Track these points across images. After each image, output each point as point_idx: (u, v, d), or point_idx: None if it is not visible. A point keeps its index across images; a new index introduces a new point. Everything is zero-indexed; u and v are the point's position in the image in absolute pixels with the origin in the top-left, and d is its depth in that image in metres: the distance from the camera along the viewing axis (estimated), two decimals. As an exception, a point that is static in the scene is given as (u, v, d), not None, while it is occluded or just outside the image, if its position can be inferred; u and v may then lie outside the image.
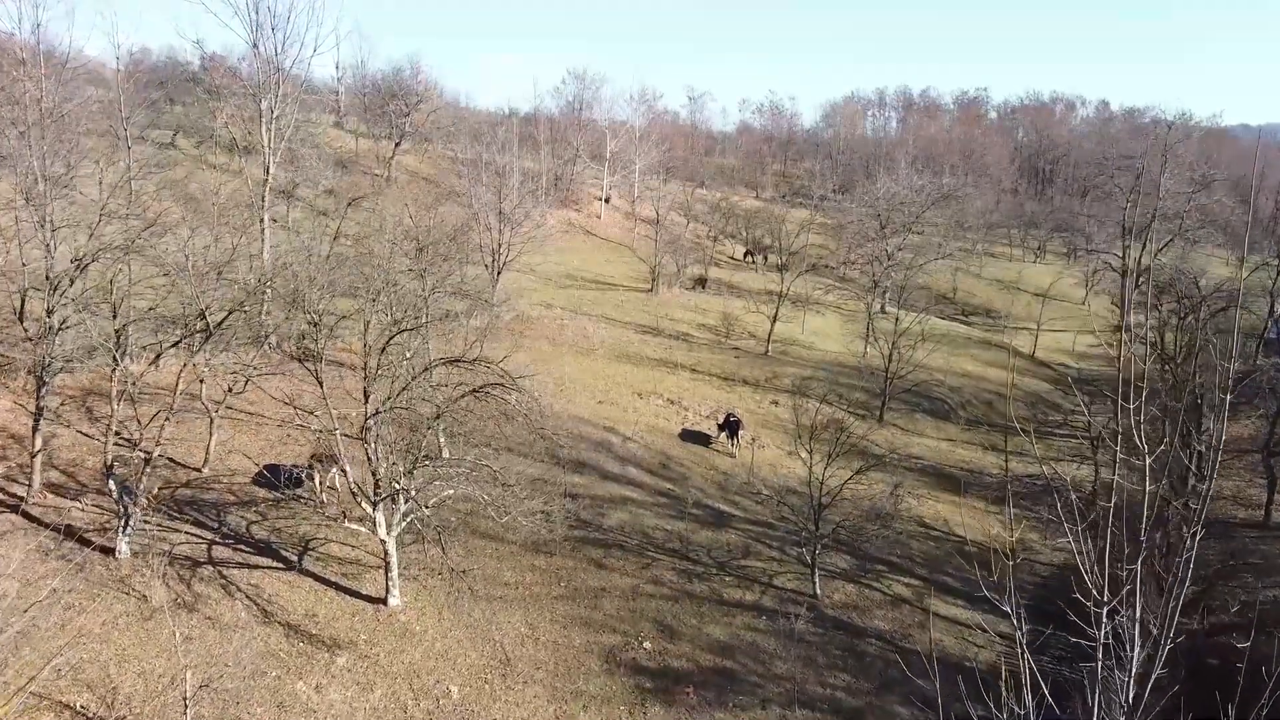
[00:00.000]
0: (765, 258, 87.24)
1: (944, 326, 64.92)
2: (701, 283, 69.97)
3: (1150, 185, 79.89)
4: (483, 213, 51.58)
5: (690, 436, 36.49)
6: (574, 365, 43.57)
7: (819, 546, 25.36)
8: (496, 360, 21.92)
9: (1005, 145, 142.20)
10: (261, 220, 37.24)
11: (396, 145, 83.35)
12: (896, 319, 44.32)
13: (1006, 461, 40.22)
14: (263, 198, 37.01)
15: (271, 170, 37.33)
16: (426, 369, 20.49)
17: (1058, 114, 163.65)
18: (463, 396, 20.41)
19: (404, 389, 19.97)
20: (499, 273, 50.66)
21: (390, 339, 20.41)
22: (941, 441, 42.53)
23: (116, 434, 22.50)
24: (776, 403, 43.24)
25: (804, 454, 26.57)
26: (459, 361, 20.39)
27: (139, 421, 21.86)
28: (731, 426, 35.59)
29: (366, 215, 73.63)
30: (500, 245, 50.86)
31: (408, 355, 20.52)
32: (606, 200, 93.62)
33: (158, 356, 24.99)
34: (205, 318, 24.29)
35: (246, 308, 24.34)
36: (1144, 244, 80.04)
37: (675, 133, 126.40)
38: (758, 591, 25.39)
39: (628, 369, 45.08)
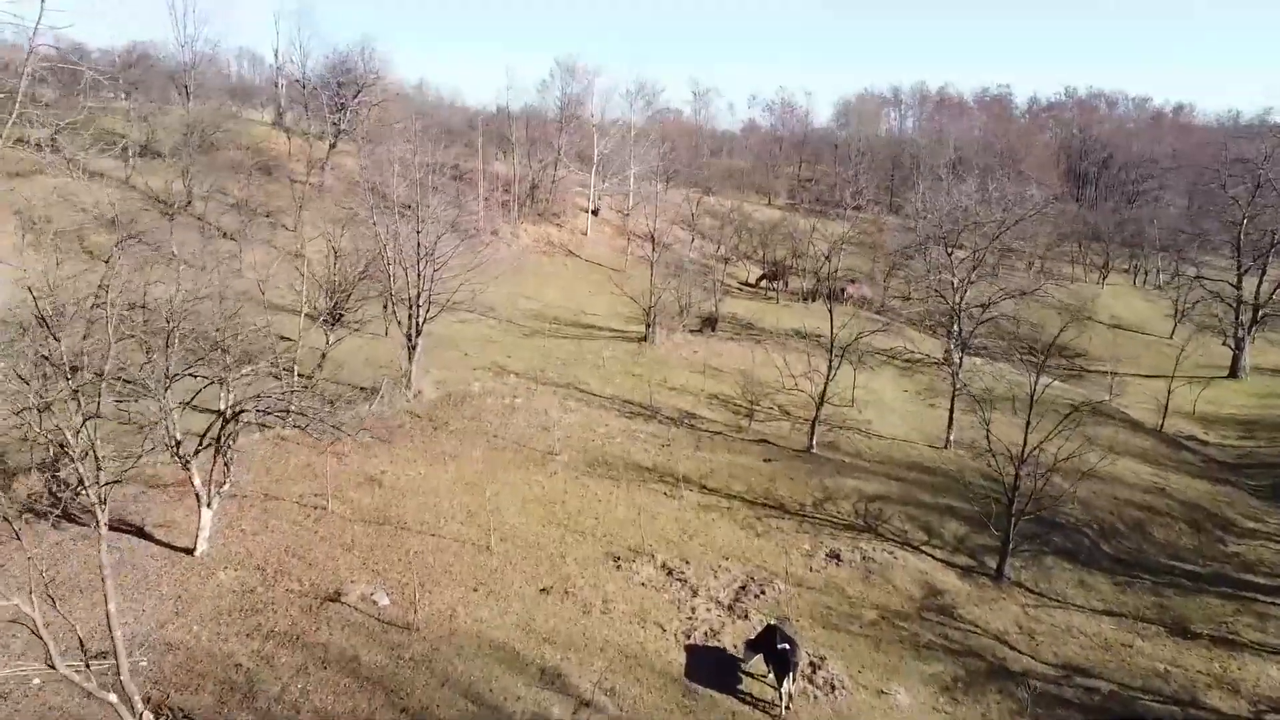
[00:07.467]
0: (786, 283, 70.90)
1: (1024, 383, 48.30)
2: (711, 324, 53.78)
3: (1273, 196, 64.02)
4: (395, 244, 35.34)
5: (700, 669, 20.31)
6: (514, 495, 27.45)
7: None
8: None
9: (1049, 146, 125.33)
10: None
11: (331, 146, 67.39)
12: (1028, 422, 27.73)
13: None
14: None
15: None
16: None
17: (1102, 111, 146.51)
18: None
19: None
20: (417, 332, 34.48)
21: None
22: (1102, 619, 26.32)
23: None
24: (838, 556, 27.07)
25: None
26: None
27: None
28: (779, 657, 19.49)
29: (287, 237, 57.85)
30: (421, 294, 34.71)
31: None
32: (594, 212, 77.30)
33: None
34: None
35: None
36: (1264, 268, 64.25)
37: (677, 131, 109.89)
38: None
39: (602, 492, 28.97)
